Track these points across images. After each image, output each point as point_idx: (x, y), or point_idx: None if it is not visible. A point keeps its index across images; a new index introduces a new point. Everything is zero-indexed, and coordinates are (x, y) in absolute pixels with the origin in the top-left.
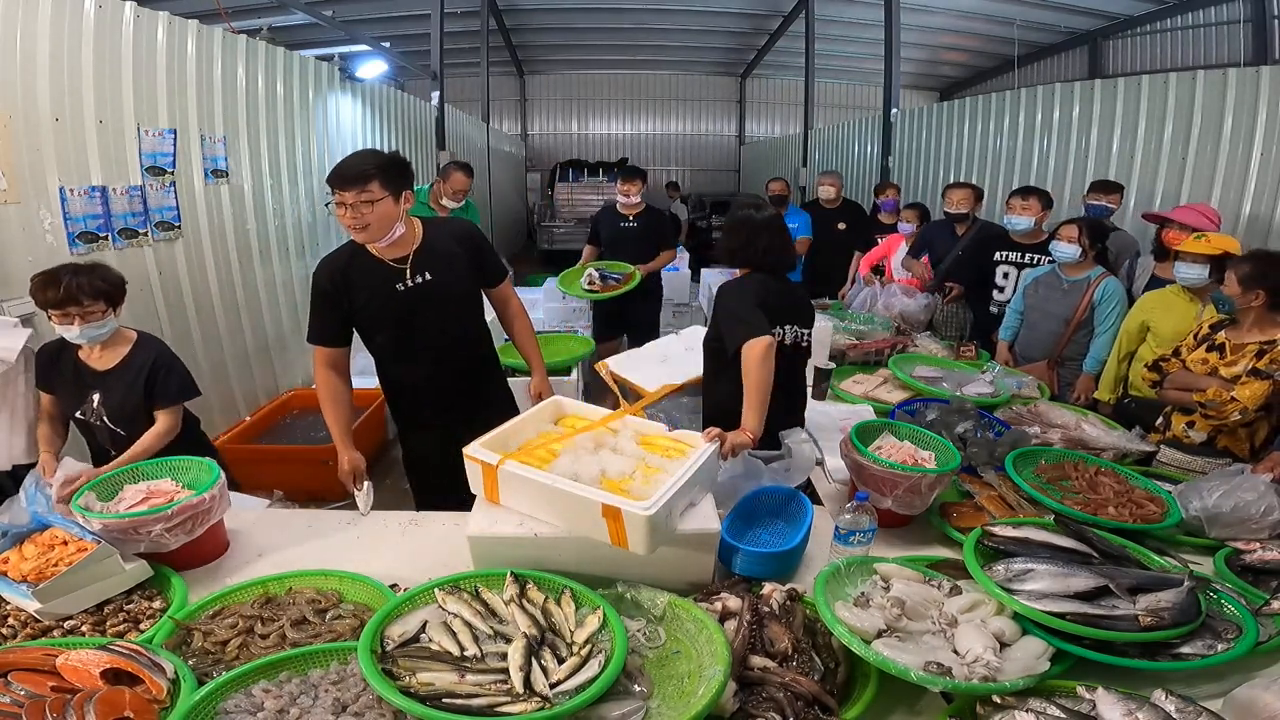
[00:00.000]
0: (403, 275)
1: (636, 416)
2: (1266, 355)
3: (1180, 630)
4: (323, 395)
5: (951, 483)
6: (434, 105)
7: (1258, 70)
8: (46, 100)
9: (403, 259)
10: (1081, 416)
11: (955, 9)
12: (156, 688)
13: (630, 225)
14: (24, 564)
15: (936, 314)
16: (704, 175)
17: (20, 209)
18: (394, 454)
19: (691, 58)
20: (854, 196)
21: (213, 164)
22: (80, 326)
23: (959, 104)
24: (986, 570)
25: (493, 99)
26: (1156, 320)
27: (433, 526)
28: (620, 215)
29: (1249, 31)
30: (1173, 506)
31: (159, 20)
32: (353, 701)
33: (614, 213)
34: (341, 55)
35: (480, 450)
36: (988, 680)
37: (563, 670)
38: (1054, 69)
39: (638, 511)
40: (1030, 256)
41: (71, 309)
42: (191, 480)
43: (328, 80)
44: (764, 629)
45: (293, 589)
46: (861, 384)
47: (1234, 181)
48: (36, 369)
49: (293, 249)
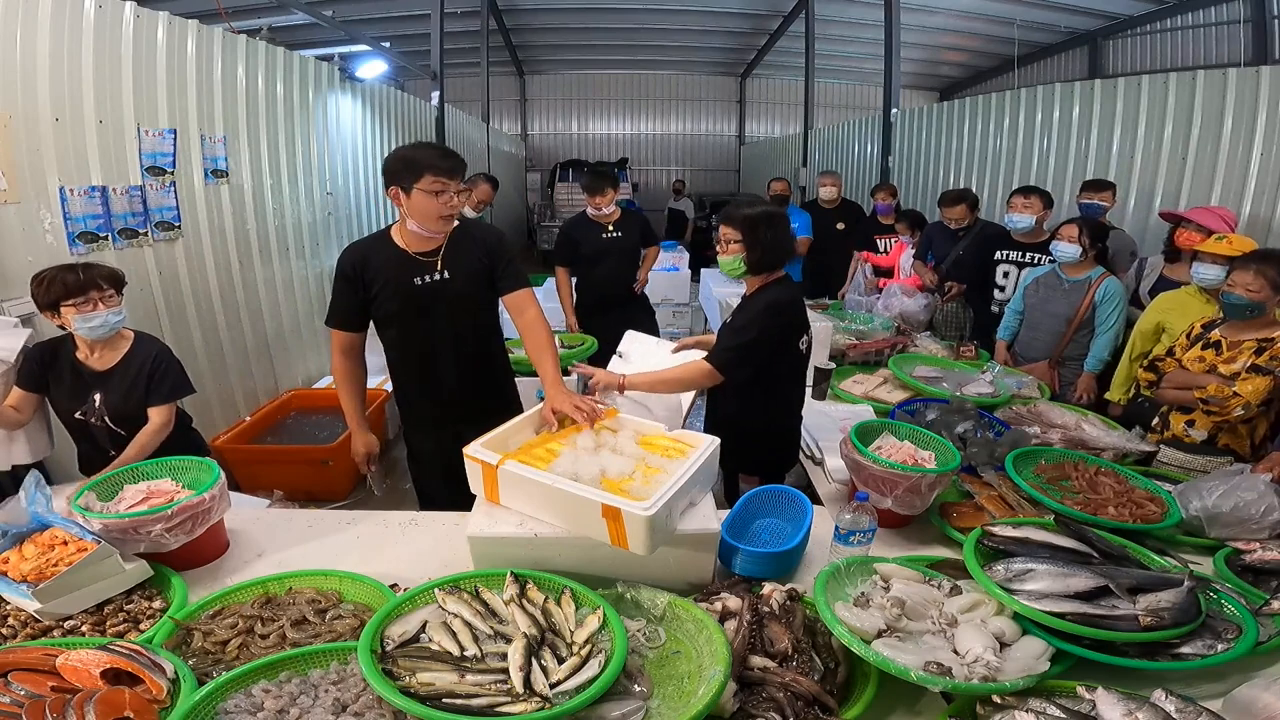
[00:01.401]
0: (423, 270)
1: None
2: (1266, 351)
3: (1180, 630)
4: (338, 378)
5: (951, 483)
6: (434, 105)
7: (1258, 70)
8: (46, 100)
9: (429, 254)
10: (1081, 416)
11: (955, 9)
12: (156, 688)
13: (614, 236)
14: (24, 564)
15: (936, 314)
16: (704, 175)
17: (20, 209)
18: (394, 454)
19: (691, 58)
20: (854, 197)
21: (213, 164)
22: (104, 312)
23: (959, 104)
24: (986, 570)
25: (493, 99)
26: (1172, 321)
27: (433, 526)
28: (598, 225)
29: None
30: (1173, 506)
31: (159, 20)
32: (353, 701)
33: (589, 224)
34: (341, 55)
35: (480, 450)
36: (988, 680)
37: (563, 670)
38: (1054, 69)
39: (638, 512)
40: (1031, 256)
41: (93, 293)
42: (191, 480)
43: (328, 80)
44: (764, 629)
45: (293, 589)
46: (861, 384)
47: (1234, 181)
48: (24, 370)
49: (293, 249)
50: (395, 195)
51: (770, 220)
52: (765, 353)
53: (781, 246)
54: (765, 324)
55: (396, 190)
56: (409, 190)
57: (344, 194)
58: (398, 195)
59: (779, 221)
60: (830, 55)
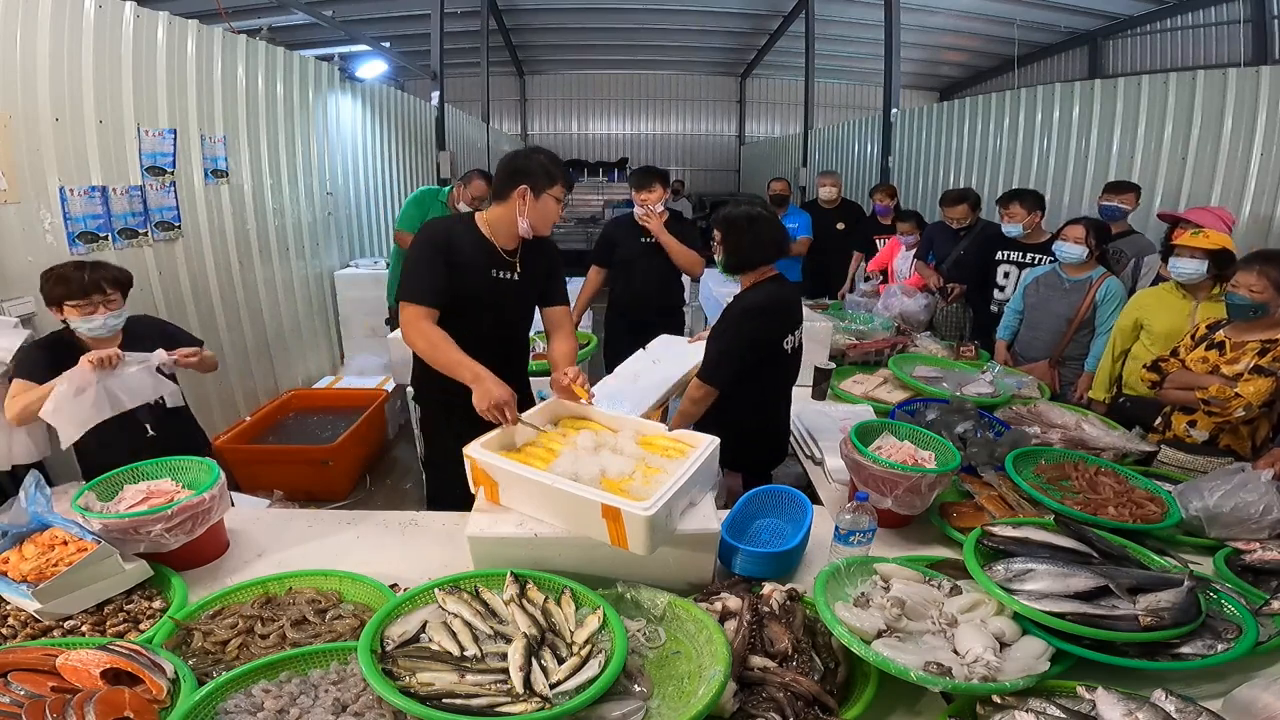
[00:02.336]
0: (502, 265)
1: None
2: (1270, 353)
3: (1180, 630)
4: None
5: (951, 483)
6: (434, 105)
7: (1258, 70)
8: (46, 100)
9: (510, 252)
10: (1081, 416)
11: (955, 9)
12: (156, 688)
13: (650, 242)
14: (24, 564)
15: (936, 314)
16: (704, 175)
17: (20, 209)
18: (394, 454)
19: (691, 58)
20: (854, 197)
21: (213, 164)
22: (104, 315)
23: (959, 104)
24: (986, 570)
25: (493, 99)
26: (1150, 318)
27: (433, 526)
28: (639, 229)
29: (1249, 31)
30: (1173, 506)
31: (159, 20)
32: (353, 701)
33: (631, 226)
34: (341, 55)
35: (480, 450)
36: (988, 680)
37: (563, 670)
38: (1054, 69)
39: (637, 512)
40: (1031, 256)
41: (96, 297)
42: (191, 480)
43: (328, 80)
44: (764, 629)
45: (293, 589)
46: (861, 384)
47: (1234, 181)
48: (27, 362)
49: (293, 249)
50: (522, 194)
51: (749, 222)
52: (747, 355)
53: (757, 249)
54: (741, 328)
55: (526, 189)
56: (539, 193)
57: (344, 194)
58: (524, 194)
59: (758, 224)
60: (830, 55)
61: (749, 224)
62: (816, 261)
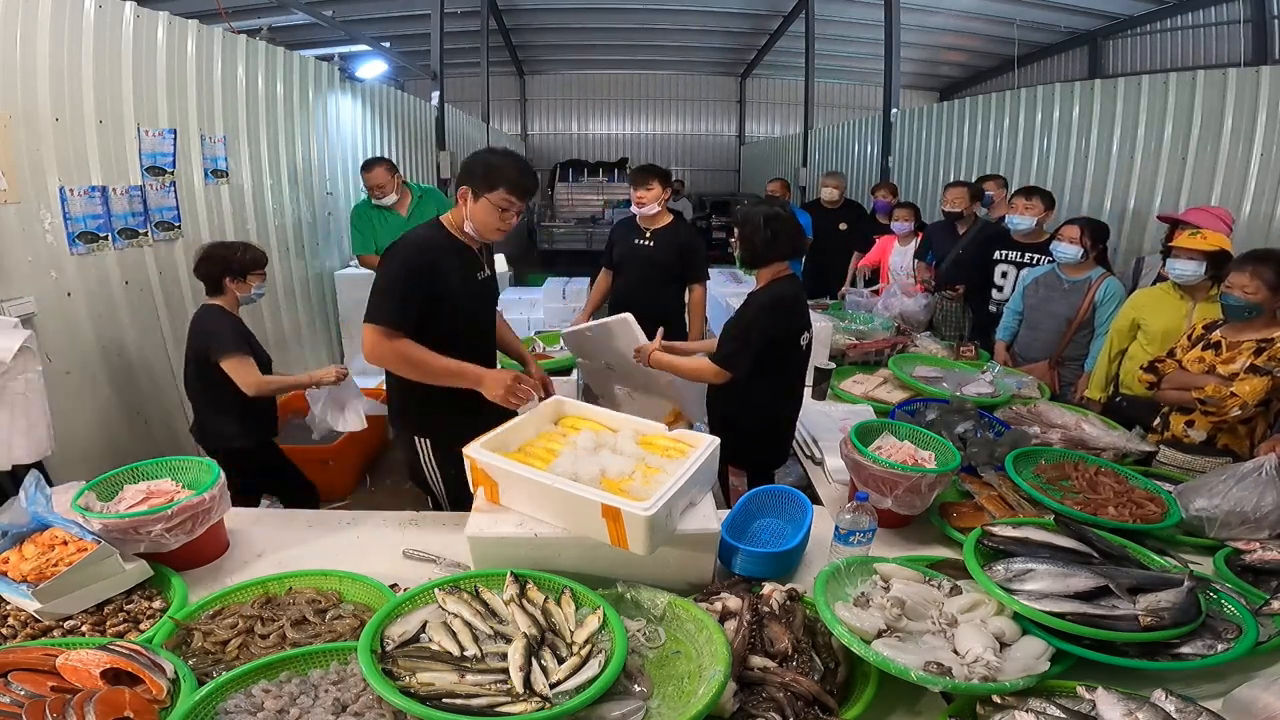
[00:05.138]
0: (478, 267)
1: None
2: (1265, 352)
3: (1180, 630)
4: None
5: (951, 483)
6: (434, 105)
7: (1258, 70)
8: (46, 100)
9: (480, 252)
10: (1081, 416)
11: (955, 9)
12: (156, 688)
13: (643, 244)
14: (24, 564)
15: (936, 314)
16: (704, 175)
17: (20, 209)
18: (394, 454)
19: (691, 58)
20: (854, 197)
21: (213, 164)
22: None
23: (959, 104)
24: (986, 570)
25: (493, 99)
26: (1146, 318)
27: (433, 526)
28: (637, 229)
29: (1249, 31)
30: (1173, 506)
31: (159, 20)
32: (353, 701)
33: (631, 226)
34: (341, 55)
35: (480, 450)
36: (988, 680)
37: (563, 670)
38: (1054, 69)
39: (637, 512)
40: (1030, 256)
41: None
42: (191, 480)
43: (328, 80)
44: (764, 629)
45: (293, 589)
46: (861, 384)
47: (1234, 181)
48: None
49: (293, 249)
50: (463, 195)
51: (768, 220)
52: (766, 348)
53: (776, 245)
54: (763, 320)
55: (466, 190)
56: (478, 196)
57: (344, 194)
58: (465, 195)
59: (773, 222)
60: (830, 55)
61: (768, 221)
62: (817, 261)
